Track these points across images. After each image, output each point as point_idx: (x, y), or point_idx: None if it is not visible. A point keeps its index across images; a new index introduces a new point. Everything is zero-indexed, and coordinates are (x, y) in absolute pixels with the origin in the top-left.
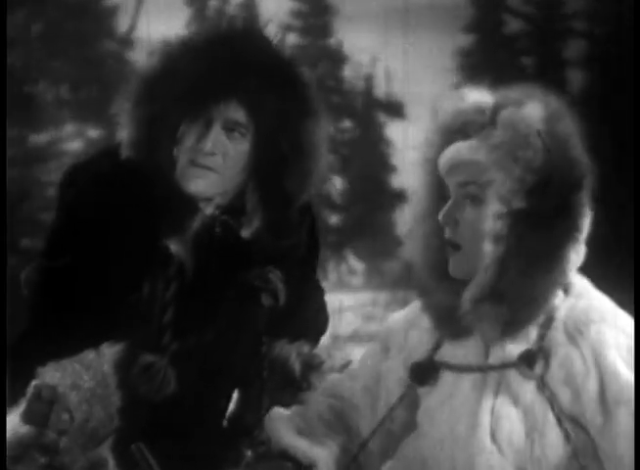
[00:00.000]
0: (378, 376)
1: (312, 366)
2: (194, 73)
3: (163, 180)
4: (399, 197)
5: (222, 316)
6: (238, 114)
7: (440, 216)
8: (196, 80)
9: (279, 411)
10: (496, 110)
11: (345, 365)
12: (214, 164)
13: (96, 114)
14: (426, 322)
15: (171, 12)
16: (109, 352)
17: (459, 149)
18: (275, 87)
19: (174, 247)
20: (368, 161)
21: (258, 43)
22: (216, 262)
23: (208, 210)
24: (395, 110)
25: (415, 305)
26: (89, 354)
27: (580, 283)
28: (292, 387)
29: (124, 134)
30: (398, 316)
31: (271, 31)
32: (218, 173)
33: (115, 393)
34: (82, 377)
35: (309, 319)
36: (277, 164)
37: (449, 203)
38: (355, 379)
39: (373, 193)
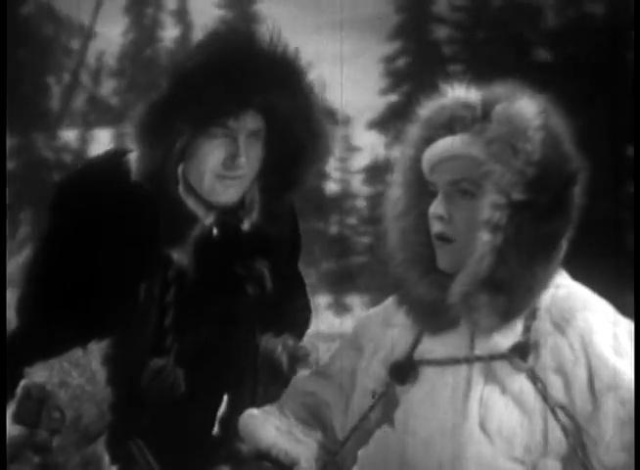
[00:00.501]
0: (352, 375)
1: (299, 359)
2: (209, 94)
3: (165, 195)
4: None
5: (215, 310)
6: (257, 122)
7: (432, 210)
8: (214, 101)
9: (253, 412)
10: (488, 105)
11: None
12: (243, 172)
13: None
14: (402, 320)
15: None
16: (96, 349)
17: (448, 144)
18: (284, 85)
19: (176, 255)
20: None
21: (261, 48)
22: (217, 263)
23: (208, 220)
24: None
25: (389, 304)
26: (77, 352)
27: (558, 273)
28: (279, 380)
29: (135, 153)
30: (372, 315)
31: (265, 32)
32: (245, 179)
33: (106, 388)
34: (71, 374)
35: (294, 313)
36: (290, 151)
37: (439, 197)
38: (327, 377)
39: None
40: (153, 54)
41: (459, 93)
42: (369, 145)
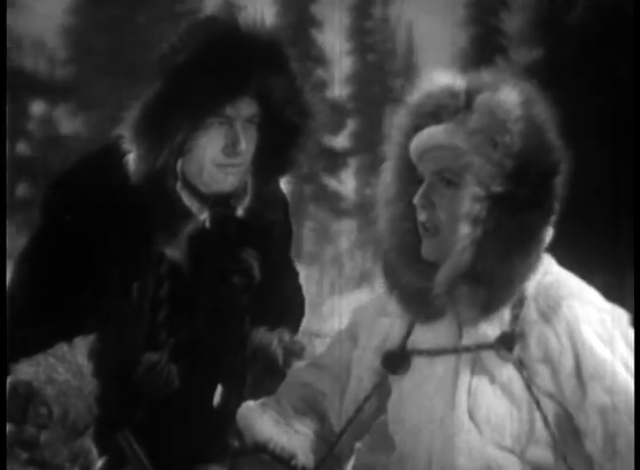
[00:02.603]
0: (347, 365)
1: (294, 353)
2: (205, 85)
3: (165, 193)
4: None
5: (206, 303)
6: (252, 107)
7: (416, 200)
8: (208, 91)
9: (250, 405)
10: (471, 94)
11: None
12: (242, 159)
13: None
14: (394, 309)
15: None
16: (82, 344)
17: (434, 133)
18: (275, 66)
19: (169, 251)
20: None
21: (246, 33)
22: (209, 258)
23: (202, 215)
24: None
25: (381, 293)
26: (62, 347)
27: (545, 260)
28: (274, 374)
29: (131, 152)
30: (365, 305)
31: (249, 17)
32: (243, 166)
33: (92, 382)
34: (57, 370)
35: (287, 301)
36: (283, 133)
37: (424, 186)
38: (323, 368)
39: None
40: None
41: (446, 80)
42: None
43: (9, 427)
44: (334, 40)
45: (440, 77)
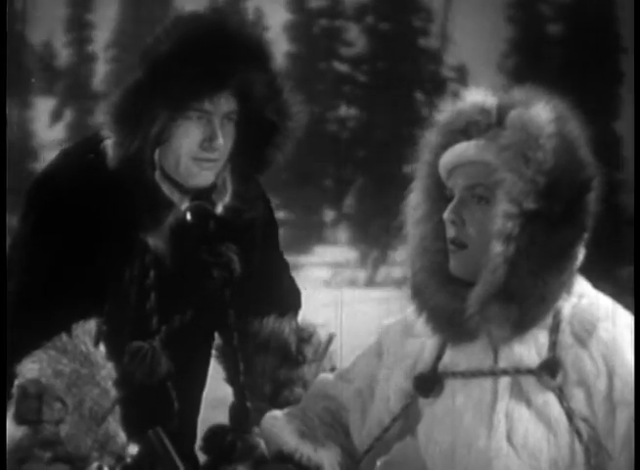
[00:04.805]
0: (371, 380)
1: (304, 339)
2: (186, 77)
3: (143, 181)
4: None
5: (191, 294)
6: (231, 104)
7: (446, 215)
8: (189, 83)
9: (276, 414)
10: (503, 110)
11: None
12: (219, 155)
13: None
14: (422, 330)
15: None
16: (81, 332)
17: (464, 148)
18: (258, 65)
19: (152, 240)
20: None
21: (233, 29)
22: (189, 249)
23: (183, 205)
24: None
25: (409, 313)
26: (61, 338)
27: (580, 282)
28: (289, 362)
29: (109, 138)
30: (393, 324)
31: (235, 13)
32: (219, 162)
33: (105, 366)
34: (62, 362)
35: (284, 292)
36: (262, 131)
37: (454, 202)
38: (348, 381)
39: None
40: None
41: (476, 98)
42: None
43: (25, 430)
44: None
45: (471, 95)
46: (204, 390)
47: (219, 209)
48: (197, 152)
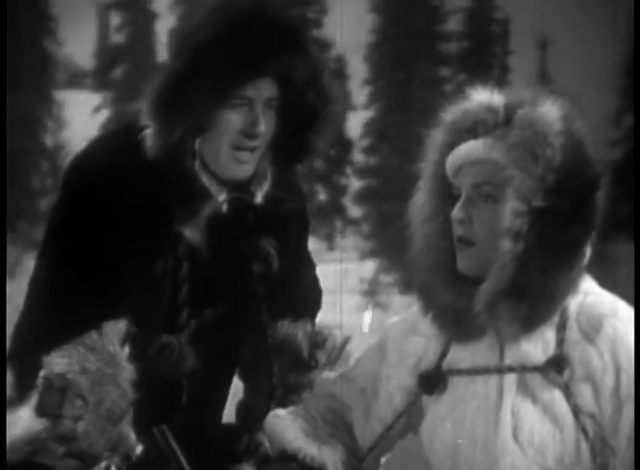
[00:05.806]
0: (374, 379)
1: (317, 344)
2: (227, 64)
3: (182, 171)
4: None
5: (225, 288)
6: (273, 90)
7: (454, 214)
8: (230, 70)
9: (279, 413)
10: (511, 109)
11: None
12: (259, 142)
13: None
14: (426, 328)
15: None
16: (111, 331)
17: (472, 147)
18: (298, 49)
19: (188, 232)
20: None
21: (272, 13)
22: (226, 241)
23: (221, 197)
24: None
25: (413, 311)
26: (91, 336)
27: (585, 279)
28: (300, 366)
29: (149, 127)
30: (397, 321)
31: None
32: (259, 151)
33: (127, 368)
34: (89, 359)
35: (306, 292)
36: (303, 118)
37: (462, 200)
38: (351, 380)
39: None
40: None
41: (483, 97)
42: None
43: (44, 422)
44: None
45: (477, 94)
46: (229, 387)
47: (258, 198)
48: (238, 140)
